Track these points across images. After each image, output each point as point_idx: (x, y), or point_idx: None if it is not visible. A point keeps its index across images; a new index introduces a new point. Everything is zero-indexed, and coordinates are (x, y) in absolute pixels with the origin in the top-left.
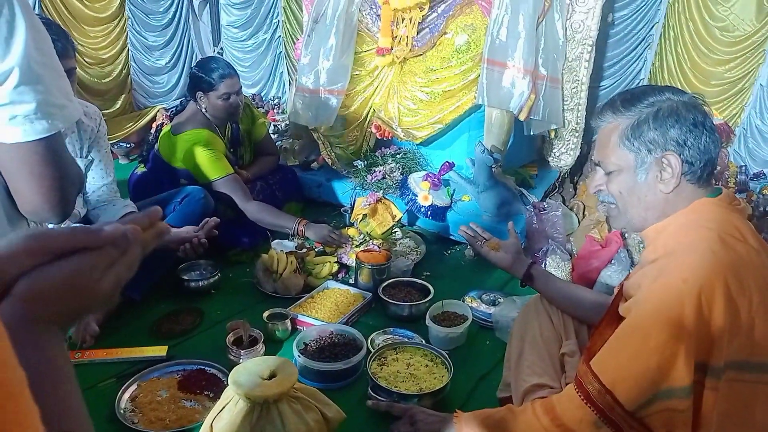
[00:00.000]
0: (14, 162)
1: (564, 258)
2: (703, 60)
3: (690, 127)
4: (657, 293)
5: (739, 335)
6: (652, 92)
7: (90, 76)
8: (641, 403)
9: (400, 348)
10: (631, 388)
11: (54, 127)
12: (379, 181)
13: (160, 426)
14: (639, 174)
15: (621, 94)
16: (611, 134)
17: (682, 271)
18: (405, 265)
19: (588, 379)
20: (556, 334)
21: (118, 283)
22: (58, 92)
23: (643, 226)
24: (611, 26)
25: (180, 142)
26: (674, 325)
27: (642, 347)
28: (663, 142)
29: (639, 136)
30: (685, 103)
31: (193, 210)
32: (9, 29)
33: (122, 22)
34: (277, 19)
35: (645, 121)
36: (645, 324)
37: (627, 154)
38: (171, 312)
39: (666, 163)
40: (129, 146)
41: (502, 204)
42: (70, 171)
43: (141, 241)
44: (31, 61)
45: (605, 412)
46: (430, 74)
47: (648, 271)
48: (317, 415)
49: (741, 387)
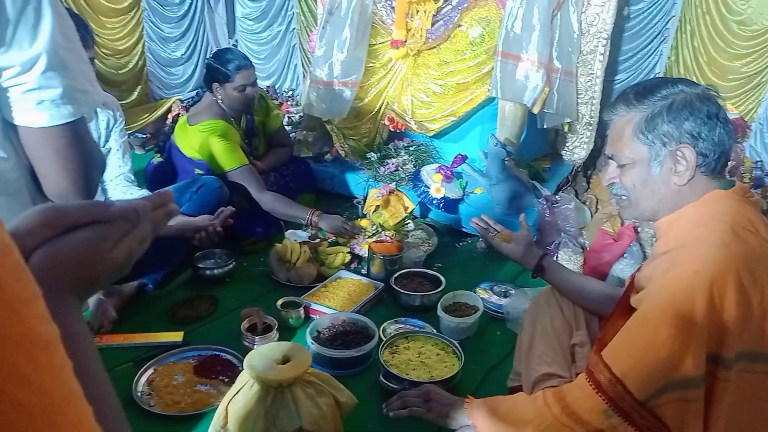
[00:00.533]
0: (41, 146)
1: (576, 251)
2: (720, 54)
3: (704, 119)
4: (669, 285)
5: (751, 326)
6: (665, 85)
7: (107, 67)
8: (652, 393)
9: (412, 337)
10: (641, 378)
11: (79, 112)
12: (392, 173)
13: (175, 409)
14: (653, 167)
15: (634, 87)
16: (625, 127)
17: (694, 263)
18: (417, 256)
19: (599, 368)
20: (566, 325)
21: (129, 255)
22: (82, 78)
23: (654, 217)
24: (627, 20)
25: (196, 133)
26: (686, 316)
27: (653, 338)
28: (677, 135)
29: (653, 129)
30: (699, 95)
31: (209, 199)
32: (36, 16)
33: (138, 14)
34: (292, 11)
35: (659, 114)
36: (656, 315)
37: (641, 147)
38: (187, 299)
39: (680, 155)
40: (145, 137)
41: (514, 197)
42: (94, 154)
43: (151, 218)
44: (58, 48)
45: (616, 401)
46: (443, 67)
47: (660, 262)
48: (330, 400)
49: (752, 378)
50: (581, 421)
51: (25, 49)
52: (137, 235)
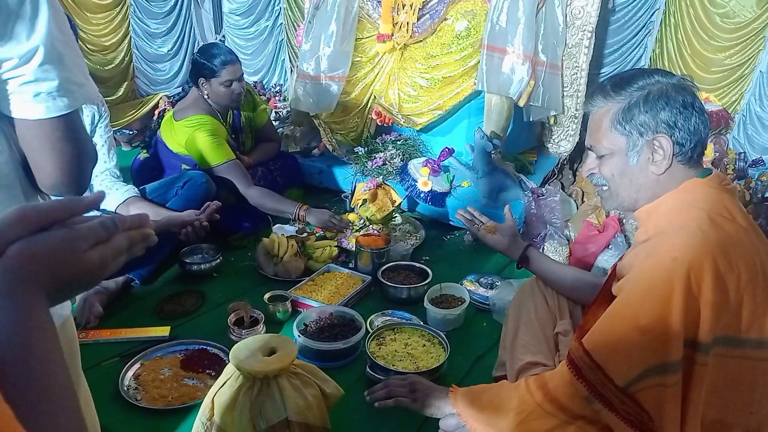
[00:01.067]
0: (36, 138)
1: (562, 243)
2: (704, 47)
3: (680, 108)
4: (647, 271)
5: (728, 312)
6: (641, 76)
7: (92, 63)
8: (632, 379)
9: (398, 329)
10: (621, 364)
11: (74, 104)
12: (380, 167)
13: (162, 403)
14: (631, 157)
15: (611, 78)
16: (602, 118)
17: (672, 250)
18: (404, 250)
19: (579, 355)
20: (550, 314)
21: (102, 263)
22: (77, 70)
23: (634, 207)
24: (612, 12)
25: (182, 128)
26: (664, 302)
27: (632, 324)
28: (654, 125)
29: (630, 120)
30: (675, 85)
31: (195, 194)
32: (34, 9)
33: (125, 10)
34: (279, 6)
35: (636, 105)
36: (635, 301)
37: (618, 138)
38: (174, 294)
39: (657, 145)
40: (131, 133)
41: (500, 190)
42: (87, 147)
43: (128, 235)
44: (54, 40)
45: (596, 387)
46: (430, 60)
47: (639, 250)
48: (316, 391)
49: (729, 362)
50: (563, 407)
51: (23, 42)
52: (112, 247)
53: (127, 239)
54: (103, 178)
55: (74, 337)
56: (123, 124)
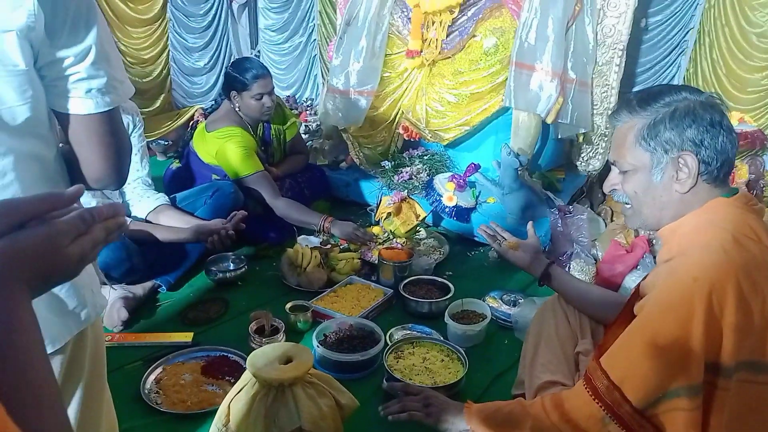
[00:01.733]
0: (85, 132)
1: (588, 262)
2: (739, 66)
3: (707, 126)
4: (667, 291)
5: (752, 335)
6: (668, 92)
7: (131, 75)
8: (650, 402)
9: (417, 343)
10: (639, 386)
11: (119, 100)
12: (406, 181)
13: (182, 408)
14: (654, 174)
15: (637, 93)
16: (627, 134)
17: (693, 270)
18: (427, 264)
19: (597, 374)
20: (572, 333)
21: (82, 256)
22: (119, 69)
23: (658, 225)
24: (645, 31)
25: (213, 140)
26: (685, 323)
27: (651, 345)
28: (679, 142)
29: (655, 136)
30: (702, 103)
31: (223, 204)
32: (89, 11)
33: (164, 24)
34: (313, 22)
35: (661, 121)
36: (655, 321)
37: (643, 154)
38: (198, 301)
39: (682, 163)
40: (166, 143)
41: (527, 207)
42: (126, 141)
43: (104, 225)
44: (103, 40)
45: (613, 408)
46: (458, 77)
47: (662, 270)
48: (330, 401)
49: (753, 388)
50: (579, 428)
51: (79, 42)
52: (91, 238)
53: (104, 230)
54: (135, 185)
55: (101, 336)
56: (158, 135)
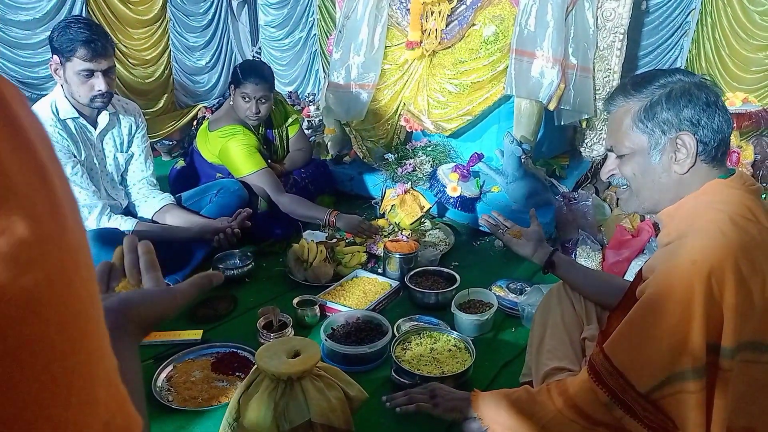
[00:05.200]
0: None
1: (594, 248)
2: (742, 46)
3: (703, 106)
4: (667, 276)
5: (753, 316)
6: (662, 74)
7: (134, 76)
8: (654, 386)
9: (425, 333)
10: (642, 370)
11: None
12: (409, 173)
13: (193, 404)
14: (653, 155)
15: (631, 78)
16: (623, 118)
17: (692, 253)
18: (432, 255)
19: (600, 360)
20: (577, 320)
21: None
22: None
23: (655, 208)
24: (646, 14)
25: (215, 139)
26: (685, 307)
27: (653, 329)
28: (677, 122)
29: (652, 118)
30: (697, 84)
31: (228, 202)
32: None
33: (164, 24)
34: (313, 17)
35: (658, 102)
36: (656, 306)
37: (640, 136)
38: (207, 298)
39: (681, 143)
40: (171, 143)
41: (531, 194)
42: None
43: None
44: None
45: (617, 393)
46: (458, 66)
47: (661, 253)
48: (339, 393)
49: (757, 368)
50: (584, 414)
51: None
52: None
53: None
54: (140, 186)
55: None
56: (163, 135)
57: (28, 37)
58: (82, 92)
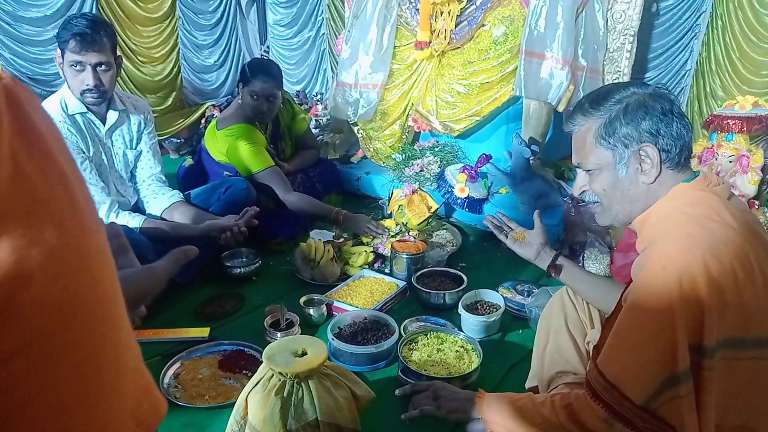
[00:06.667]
0: None
1: (602, 251)
2: (753, 49)
3: (659, 116)
4: (643, 284)
5: (728, 313)
6: (617, 90)
7: (143, 74)
8: (649, 396)
9: (432, 334)
10: (635, 382)
11: None
12: (417, 173)
13: (200, 402)
14: (619, 169)
15: (587, 96)
16: (585, 136)
17: (661, 259)
18: (440, 255)
19: (594, 375)
20: (581, 324)
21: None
22: None
23: (629, 219)
24: (656, 16)
25: (223, 137)
26: (663, 312)
27: (637, 339)
28: (637, 135)
29: (613, 133)
30: (651, 95)
31: (236, 200)
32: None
33: (173, 22)
34: (322, 16)
35: (616, 118)
36: (637, 315)
37: (604, 152)
38: (214, 296)
39: (644, 154)
40: (179, 141)
41: (539, 196)
42: None
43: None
44: None
45: (614, 407)
46: (467, 67)
47: (638, 261)
48: (346, 393)
49: (740, 365)
50: (586, 429)
51: None
52: None
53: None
54: (149, 183)
55: None
56: (171, 133)
57: (39, 34)
58: (74, 85)
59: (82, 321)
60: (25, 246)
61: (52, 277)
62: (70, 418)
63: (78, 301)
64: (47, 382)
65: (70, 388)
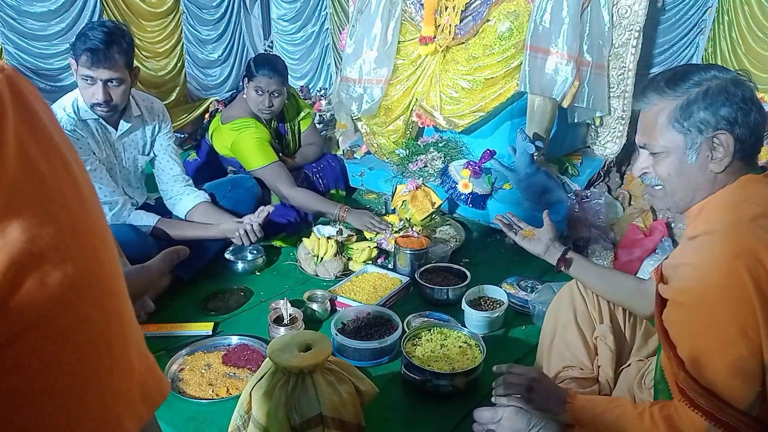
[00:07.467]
0: None
1: (606, 247)
2: (759, 45)
3: (740, 104)
4: (712, 276)
5: None
6: (697, 71)
7: (147, 68)
8: (751, 397)
9: (435, 329)
10: (734, 387)
11: None
12: (421, 169)
13: (204, 396)
14: (689, 155)
15: (663, 74)
16: (658, 116)
17: (733, 249)
18: (443, 251)
19: (688, 384)
20: (590, 318)
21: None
22: None
23: (688, 207)
24: (662, 11)
25: (227, 132)
26: (744, 305)
27: (725, 338)
28: (714, 122)
29: (689, 117)
30: (732, 81)
31: (243, 197)
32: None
33: (177, 17)
34: (326, 11)
35: (695, 101)
36: (719, 316)
37: (676, 136)
38: (218, 291)
39: (717, 142)
40: (183, 136)
41: (543, 192)
42: None
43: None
44: None
45: (715, 414)
46: (472, 62)
47: (687, 248)
48: (350, 388)
49: None
50: None
51: None
52: None
53: None
54: (173, 184)
55: None
56: (175, 128)
57: (43, 29)
58: (85, 97)
59: (91, 297)
60: (36, 226)
61: (62, 256)
62: (85, 391)
63: (87, 279)
64: (62, 355)
65: (84, 360)
